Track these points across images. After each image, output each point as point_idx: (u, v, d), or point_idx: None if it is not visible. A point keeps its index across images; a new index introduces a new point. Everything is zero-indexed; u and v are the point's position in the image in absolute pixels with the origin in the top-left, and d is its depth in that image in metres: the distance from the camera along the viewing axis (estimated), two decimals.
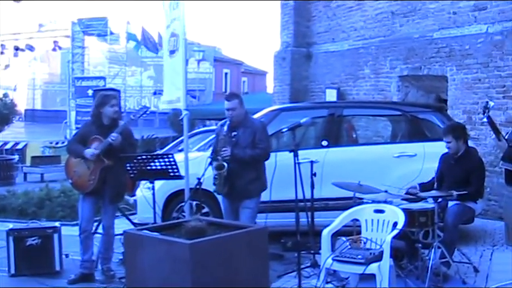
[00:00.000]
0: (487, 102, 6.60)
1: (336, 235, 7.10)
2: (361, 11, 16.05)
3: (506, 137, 6.46)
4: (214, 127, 13.16)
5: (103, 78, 28.50)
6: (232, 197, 8.07)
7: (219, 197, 8.62)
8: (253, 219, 7.92)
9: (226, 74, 53.92)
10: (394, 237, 6.68)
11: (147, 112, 8.37)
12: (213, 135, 8.96)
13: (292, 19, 18.12)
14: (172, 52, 9.20)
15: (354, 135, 12.01)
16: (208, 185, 8.41)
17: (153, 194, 8.10)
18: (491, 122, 6.44)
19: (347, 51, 16.44)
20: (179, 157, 8.94)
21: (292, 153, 7.58)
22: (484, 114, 6.48)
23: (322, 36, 17.65)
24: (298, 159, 7.64)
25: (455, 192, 7.61)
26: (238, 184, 7.91)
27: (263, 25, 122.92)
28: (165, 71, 9.78)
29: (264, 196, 8.15)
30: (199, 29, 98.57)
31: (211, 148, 8.87)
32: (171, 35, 9.25)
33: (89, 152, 7.68)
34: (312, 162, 8.27)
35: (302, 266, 7.85)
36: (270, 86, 20.01)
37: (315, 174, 8.19)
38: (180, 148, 13.07)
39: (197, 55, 40.79)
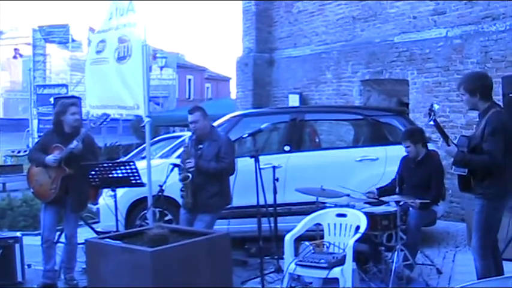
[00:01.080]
0: (432, 104, 6.61)
1: (299, 240, 7.11)
2: (322, 16, 16.12)
3: (455, 142, 6.49)
4: (177, 134, 13.16)
5: (65, 85, 28.25)
6: (192, 209, 8.02)
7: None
8: None
9: (189, 80, 53.86)
10: (357, 241, 6.71)
11: (107, 120, 8.32)
12: (176, 142, 8.94)
13: (254, 25, 18.13)
14: (122, 58, 9.05)
15: (317, 140, 12.05)
16: (171, 192, 8.40)
17: (115, 202, 8.05)
18: (437, 126, 6.47)
19: (309, 56, 16.48)
20: (141, 164, 8.90)
21: (253, 159, 7.60)
22: (429, 117, 6.50)
23: (284, 42, 17.69)
24: (259, 165, 7.67)
25: (417, 201, 7.68)
26: (200, 197, 7.89)
27: (226, 31, 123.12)
28: (107, 77, 9.52)
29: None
30: (162, 36, 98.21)
31: (174, 155, 8.84)
32: (119, 41, 9.09)
33: (50, 158, 7.60)
34: (274, 167, 8.28)
35: (266, 272, 7.88)
36: (234, 91, 20.03)
37: (277, 180, 8.18)
38: (143, 155, 12.99)
39: (160, 61, 40.62)
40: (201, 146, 8.02)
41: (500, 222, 6.63)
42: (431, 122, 6.47)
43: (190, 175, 7.80)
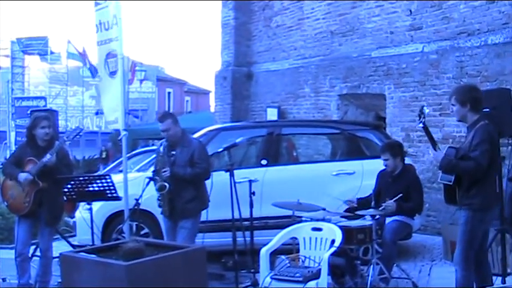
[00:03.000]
0: (423, 107, 6.71)
1: (275, 253, 7.12)
2: (300, 31, 16.19)
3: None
4: (155, 147, 13.11)
5: (43, 98, 27.95)
6: (172, 217, 8.04)
7: (160, 217, 8.59)
8: (190, 240, 7.86)
9: (169, 93, 53.76)
10: (332, 255, 6.73)
11: (81, 134, 8.29)
12: (154, 155, 8.94)
13: (233, 39, 18.19)
14: (113, 73, 9.08)
15: (295, 154, 12.08)
16: (147, 205, 8.39)
17: (91, 216, 8.03)
18: (426, 129, 6.56)
19: (287, 70, 16.54)
20: (118, 178, 8.88)
21: (228, 173, 7.62)
22: (419, 119, 6.59)
23: (262, 56, 17.75)
24: (234, 179, 7.69)
25: (390, 201, 7.72)
26: (178, 203, 7.90)
27: (207, 44, 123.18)
28: (106, 92, 9.56)
29: (202, 216, 8.16)
30: (141, 49, 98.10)
31: (151, 168, 8.82)
32: (107, 56, 9.13)
33: (23, 176, 7.56)
34: (250, 181, 8.28)
35: (242, 285, 7.88)
36: (214, 105, 20.03)
37: (253, 193, 8.19)
38: (120, 168, 12.98)
39: (139, 75, 40.53)
40: (173, 152, 8.02)
41: (488, 234, 6.71)
42: (421, 125, 6.56)
43: (167, 184, 7.79)
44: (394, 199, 7.75)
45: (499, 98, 8.11)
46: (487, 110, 7.87)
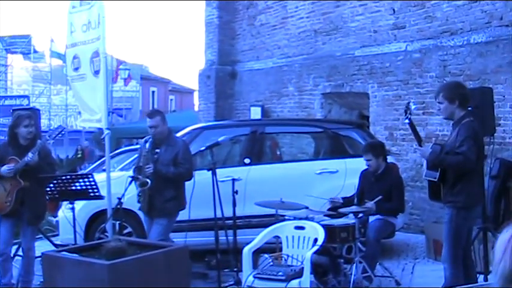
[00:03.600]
0: (409, 103, 6.76)
1: (258, 252, 7.13)
2: (284, 30, 16.19)
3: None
4: (139, 146, 13.10)
5: (27, 96, 27.88)
6: (151, 214, 8.06)
7: (141, 216, 8.58)
8: (164, 236, 7.88)
9: (153, 92, 53.59)
10: (316, 253, 6.75)
11: (63, 132, 8.26)
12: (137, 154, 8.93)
13: (217, 37, 18.16)
14: (97, 72, 9.04)
15: (278, 153, 12.08)
16: (130, 204, 8.37)
17: (73, 215, 8.00)
18: (412, 126, 6.59)
19: (271, 69, 16.54)
20: (101, 177, 8.85)
21: (210, 172, 7.63)
22: (405, 115, 6.62)
23: (246, 54, 17.73)
24: (216, 178, 7.69)
25: (370, 202, 7.75)
26: (157, 201, 7.91)
27: (191, 43, 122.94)
28: (90, 91, 9.50)
29: (183, 215, 8.17)
30: (125, 48, 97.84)
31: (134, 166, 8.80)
32: (93, 55, 9.09)
33: (4, 169, 7.52)
34: (233, 180, 8.28)
35: (225, 284, 7.90)
36: (198, 103, 20.01)
37: (236, 192, 8.19)
38: (104, 167, 12.94)
39: (123, 73, 40.39)
40: (158, 150, 8.02)
41: (471, 232, 6.75)
42: (407, 121, 6.59)
43: (149, 181, 7.78)
44: (374, 200, 7.78)
45: (481, 96, 8.15)
46: (470, 108, 7.92)
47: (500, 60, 10.70)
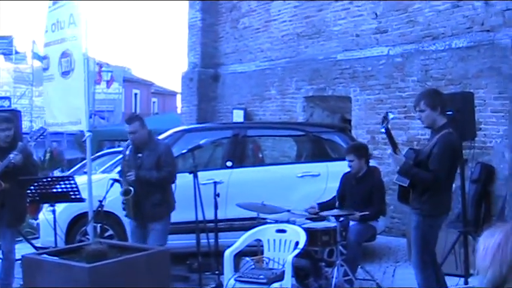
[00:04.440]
0: (387, 113, 6.76)
1: (240, 255, 7.13)
2: (267, 33, 16.20)
3: (403, 154, 6.64)
4: (121, 148, 13.08)
5: (8, 98, 27.80)
6: (140, 220, 7.98)
7: (125, 219, 8.54)
8: (162, 241, 7.85)
9: (136, 94, 53.45)
10: (296, 256, 6.75)
11: (44, 134, 8.23)
12: (120, 156, 8.91)
13: (200, 40, 18.12)
14: (66, 73, 8.98)
15: (261, 156, 12.09)
16: (111, 207, 8.35)
17: (54, 217, 7.96)
18: (388, 134, 6.60)
19: (254, 72, 16.54)
20: (82, 179, 8.82)
21: (192, 175, 7.63)
22: (382, 124, 6.64)
23: (229, 57, 17.72)
24: (197, 181, 7.69)
25: (358, 214, 7.77)
26: (145, 207, 7.84)
27: (174, 45, 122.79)
28: (57, 92, 9.46)
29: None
30: (108, 49, 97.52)
31: (116, 169, 8.77)
32: (63, 55, 9.02)
33: None
34: (215, 183, 8.28)
35: (207, 287, 7.87)
36: (181, 106, 20.00)
37: (218, 195, 8.19)
38: (85, 170, 12.90)
39: (106, 75, 40.23)
40: (140, 155, 7.96)
41: (437, 238, 6.77)
42: (383, 130, 6.60)
43: (132, 189, 7.74)
44: (360, 214, 7.81)
45: (462, 101, 8.20)
46: (451, 112, 7.95)
47: (481, 65, 10.79)
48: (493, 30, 10.68)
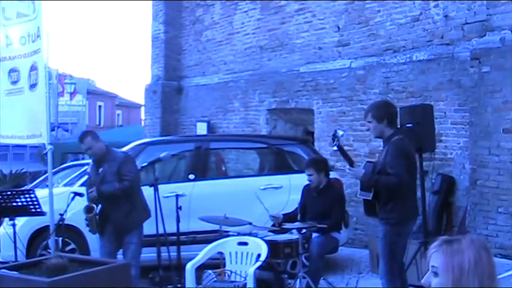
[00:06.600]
0: (336, 131, 6.84)
1: (202, 268, 7.12)
2: (230, 45, 16.24)
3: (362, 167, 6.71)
4: (84, 161, 13.01)
5: None
6: (110, 235, 7.91)
7: (89, 234, 8.47)
8: (138, 254, 7.81)
9: (100, 106, 53.28)
10: (259, 269, 6.76)
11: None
12: (82, 169, 8.85)
13: (163, 52, 18.12)
14: (33, 86, 8.92)
15: (224, 168, 12.09)
16: (73, 220, 8.29)
17: (14, 231, 7.91)
18: (341, 150, 6.69)
19: (217, 85, 16.55)
20: (43, 192, 8.75)
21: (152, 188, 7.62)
22: (333, 142, 6.72)
23: (192, 70, 17.73)
24: (158, 194, 7.68)
25: (317, 225, 7.81)
26: (114, 220, 7.79)
27: (138, 57, 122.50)
28: (22, 105, 9.34)
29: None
30: (71, 61, 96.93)
31: (78, 182, 8.71)
32: (31, 69, 8.97)
33: None
34: (177, 195, 8.27)
35: None
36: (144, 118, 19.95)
37: (180, 208, 8.18)
38: (47, 183, 12.79)
39: (69, 87, 40.00)
40: (101, 169, 7.92)
41: (406, 247, 6.83)
42: (335, 148, 6.66)
43: (94, 206, 7.68)
44: (318, 226, 7.84)
45: (422, 113, 8.30)
46: (411, 124, 8.05)
47: (441, 77, 10.91)
48: (453, 44, 10.82)
